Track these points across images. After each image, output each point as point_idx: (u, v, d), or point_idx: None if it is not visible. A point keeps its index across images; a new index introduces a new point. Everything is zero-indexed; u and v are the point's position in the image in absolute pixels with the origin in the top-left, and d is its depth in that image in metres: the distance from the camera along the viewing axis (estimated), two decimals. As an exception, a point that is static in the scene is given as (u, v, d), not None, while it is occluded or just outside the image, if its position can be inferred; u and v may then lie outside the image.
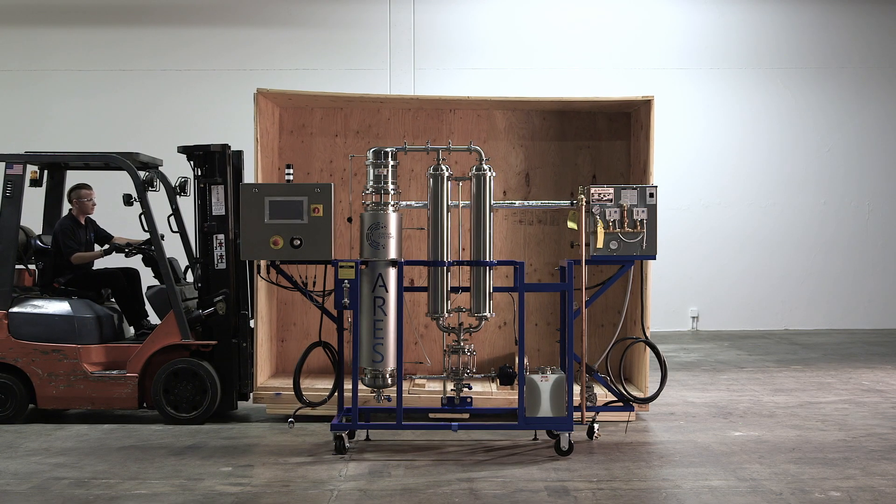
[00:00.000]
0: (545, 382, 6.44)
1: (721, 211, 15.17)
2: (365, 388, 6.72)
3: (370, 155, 6.61)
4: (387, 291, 6.50)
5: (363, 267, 6.53)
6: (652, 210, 6.71)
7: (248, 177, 7.91)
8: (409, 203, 7.07)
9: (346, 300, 6.45)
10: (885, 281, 15.26)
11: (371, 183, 6.59)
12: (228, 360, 7.62)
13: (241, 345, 7.68)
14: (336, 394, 6.89)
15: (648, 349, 7.33)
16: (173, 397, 7.51)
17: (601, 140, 8.67)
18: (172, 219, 8.00)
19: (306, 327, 8.55)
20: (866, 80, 15.29)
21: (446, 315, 6.68)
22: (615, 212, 6.67)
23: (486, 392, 7.65)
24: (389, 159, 6.58)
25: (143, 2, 14.80)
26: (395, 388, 6.59)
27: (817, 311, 15.16)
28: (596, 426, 6.92)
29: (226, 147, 7.67)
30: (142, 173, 7.78)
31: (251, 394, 7.76)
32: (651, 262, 7.31)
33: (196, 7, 14.87)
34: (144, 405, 7.63)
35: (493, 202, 6.67)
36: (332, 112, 8.64)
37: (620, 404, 6.99)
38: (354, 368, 6.50)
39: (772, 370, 10.55)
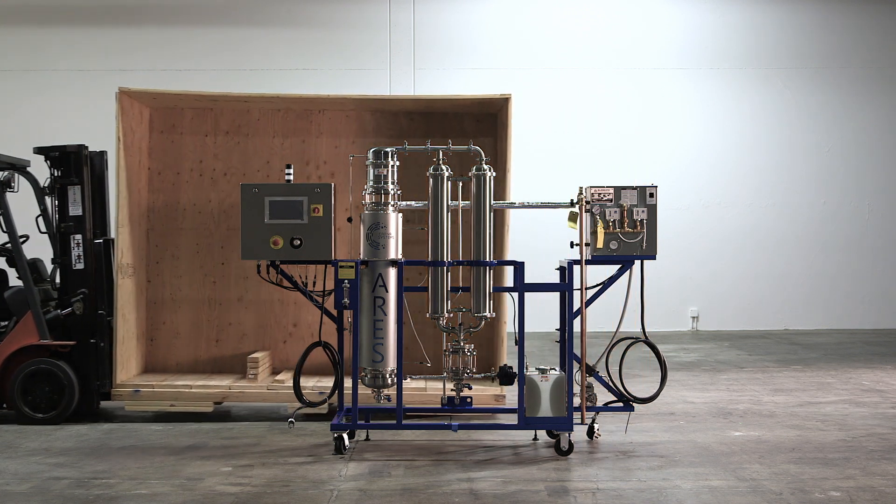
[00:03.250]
0: (545, 382, 6.44)
1: (721, 211, 15.18)
2: (365, 388, 6.72)
3: (370, 155, 6.62)
4: (387, 291, 6.50)
5: (363, 267, 6.53)
6: (652, 210, 6.72)
7: (113, 177, 7.96)
8: (409, 203, 7.06)
9: (346, 300, 6.45)
10: (885, 281, 15.26)
11: (371, 183, 6.59)
12: (87, 359, 7.64)
13: (100, 344, 7.69)
14: (336, 393, 6.89)
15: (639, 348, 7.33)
16: (32, 398, 7.50)
17: (467, 140, 8.66)
18: (42, 219, 8.04)
19: (175, 326, 8.62)
20: (866, 80, 15.30)
21: (446, 315, 6.68)
22: (615, 212, 6.67)
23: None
24: (390, 159, 6.58)
25: (142, 2, 14.80)
26: (395, 388, 6.59)
27: (817, 311, 15.17)
28: (596, 426, 6.92)
29: (82, 147, 7.72)
30: (2, 173, 7.82)
31: (111, 392, 7.78)
32: (647, 262, 7.30)
33: (196, 7, 14.87)
34: (4, 406, 7.63)
35: (493, 202, 6.67)
36: (203, 112, 8.68)
37: (620, 404, 6.99)
38: (354, 368, 6.50)
39: (772, 370, 10.55)
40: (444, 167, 6.64)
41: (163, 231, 8.61)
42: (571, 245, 6.82)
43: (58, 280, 8.04)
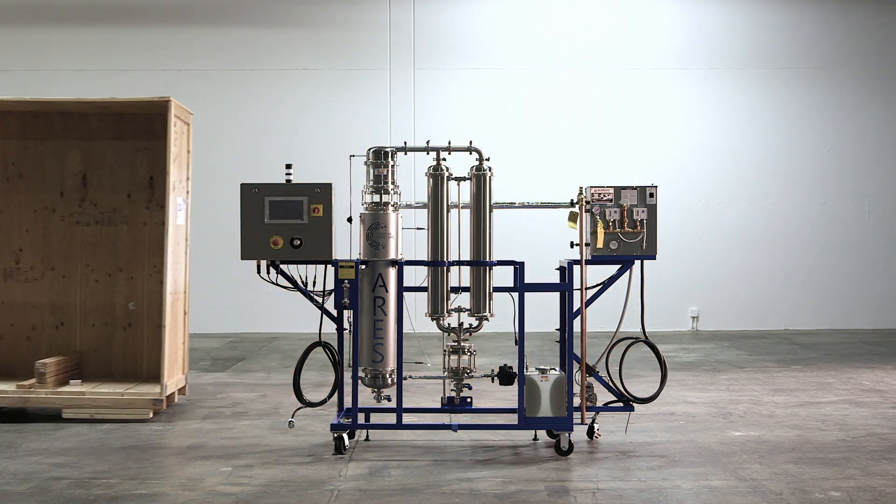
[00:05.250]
0: (545, 382, 6.44)
1: (721, 211, 15.17)
2: (365, 387, 6.72)
3: (370, 155, 6.61)
4: (387, 291, 6.50)
5: (363, 267, 6.53)
6: (652, 210, 6.72)
7: None
8: (409, 203, 7.06)
9: (346, 300, 6.45)
10: (885, 281, 15.26)
11: (371, 183, 6.59)
12: None
13: None
14: (336, 393, 6.89)
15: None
16: None
17: (158, 142, 8.64)
18: None
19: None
20: (866, 80, 15.30)
21: (446, 315, 6.68)
22: (615, 212, 6.67)
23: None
24: (390, 159, 6.58)
25: (142, 2, 14.80)
26: (395, 388, 6.59)
27: (817, 311, 15.16)
28: (596, 426, 6.92)
29: None
30: None
31: None
32: (647, 262, 7.30)
33: (196, 7, 14.87)
34: None
35: (493, 202, 6.68)
36: None
37: (620, 404, 6.99)
38: (354, 368, 6.50)
39: (772, 370, 10.55)
40: (443, 166, 6.63)
41: None
42: (571, 245, 6.82)
43: None
